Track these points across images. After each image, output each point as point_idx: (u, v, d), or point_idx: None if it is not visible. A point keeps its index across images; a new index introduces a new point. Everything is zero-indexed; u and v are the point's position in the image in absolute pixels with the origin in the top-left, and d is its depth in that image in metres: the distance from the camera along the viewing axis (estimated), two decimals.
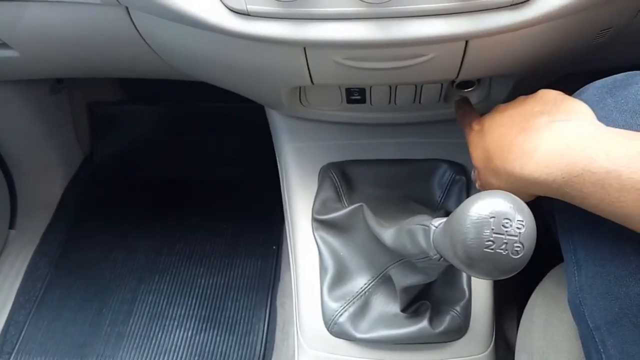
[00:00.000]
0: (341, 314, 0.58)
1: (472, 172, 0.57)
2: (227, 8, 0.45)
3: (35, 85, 1.03)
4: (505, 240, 0.30)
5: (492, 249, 0.30)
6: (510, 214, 0.31)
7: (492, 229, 0.30)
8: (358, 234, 0.60)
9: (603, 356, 0.42)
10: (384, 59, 0.48)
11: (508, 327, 0.68)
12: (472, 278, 0.59)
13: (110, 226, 1.08)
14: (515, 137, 0.42)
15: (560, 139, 0.38)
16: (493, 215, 0.31)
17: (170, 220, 1.09)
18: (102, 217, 1.11)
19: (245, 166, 1.17)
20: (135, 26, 0.56)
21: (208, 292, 0.97)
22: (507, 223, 0.30)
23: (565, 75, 0.65)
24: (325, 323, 0.59)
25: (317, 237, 0.63)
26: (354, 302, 0.59)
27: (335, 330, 0.58)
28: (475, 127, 0.50)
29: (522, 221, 0.31)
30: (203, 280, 0.99)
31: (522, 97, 0.48)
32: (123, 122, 1.21)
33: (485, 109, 0.63)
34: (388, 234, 0.51)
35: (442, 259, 0.41)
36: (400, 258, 0.53)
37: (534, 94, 0.47)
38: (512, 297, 0.69)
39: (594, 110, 0.42)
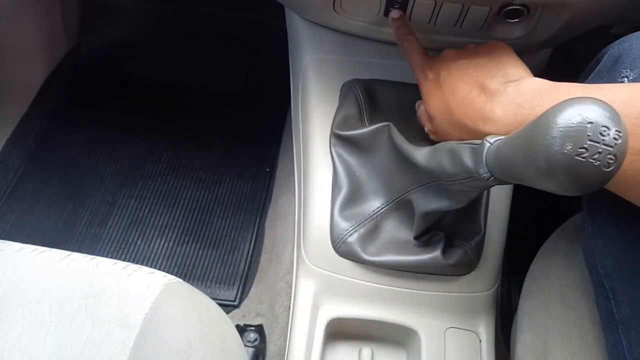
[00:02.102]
0: (351, 234, 0.56)
1: (416, 105, 0.57)
2: None
3: None
4: (599, 150, 0.28)
5: (583, 157, 0.28)
6: (609, 122, 0.28)
7: (589, 136, 0.28)
8: (378, 155, 0.57)
9: (612, 302, 0.42)
10: None
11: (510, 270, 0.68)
12: (489, 216, 0.57)
13: (93, 124, 1.01)
14: (476, 97, 0.45)
15: (513, 99, 0.42)
16: (591, 121, 0.28)
17: (158, 128, 1.02)
18: (85, 114, 1.03)
19: (243, 81, 1.10)
20: None
21: (193, 205, 0.93)
22: (604, 131, 0.28)
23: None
24: (333, 242, 0.56)
25: (333, 153, 0.59)
26: (365, 224, 0.56)
27: (343, 249, 0.56)
28: (430, 75, 0.51)
29: (620, 132, 0.28)
30: (189, 193, 0.95)
31: (472, 46, 0.51)
32: (116, 16, 1.11)
33: (525, 45, 0.60)
34: (421, 153, 0.48)
35: (491, 177, 0.38)
36: (427, 182, 0.50)
37: (483, 45, 0.50)
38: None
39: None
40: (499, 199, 0.60)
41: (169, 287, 0.45)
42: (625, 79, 0.42)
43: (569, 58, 0.80)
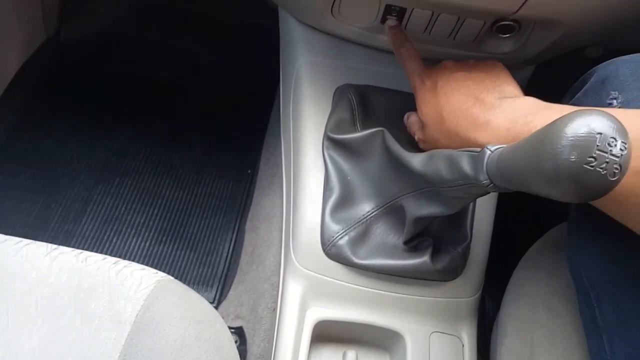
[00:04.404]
0: (341, 237, 0.56)
1: (405, 117, 0.59)
2: None
3: None
4: (607, 160, 0.29)
5: (591, 166, 0.29)
6: (616, 134, 0.29)
7: (597, 146, 0.29)
8: (371, 160, 0.58)
9: (596, 311, 0.44)
10: None
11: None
12: (475, 223, 0.58)
13: (69, 116, 0.98)
14: (470, 107, 0.47)
15: (507, 114, 0.44)
16: (600, 132, 0.29)
17: (136, 124, 1.00)
18: (60, 105, 1.00)
19: (226, 81, 1.09)
20: None
21: (171, 205, 0.91)
22: (612, 142, 0.29)
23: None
24: (323, 244, 0.56)
25: (326, 156, 0.59)
26: (355, 228, 0.56)
27: (333, 252, 0.56)
28: (427, 82, 0.52)
29: (625, 144, 0.29)
30: (167, 192, 0.93)
31: (472, 62, 0.53)
32: (97, 7, 1.08)
33: (513, 61, 0.62)
34: (417, 159, 0.49)
35: (491, 184, 0.39)
36: (420, 187, 0.51)
37: (483, 61, 0.52)
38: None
39: (627, 82, 0.45)
40: (484, 209, 0.61)
41: (162, 284, 0.44)
42: (614, 101, 0.45)
43: (546, 76, 0.84)
